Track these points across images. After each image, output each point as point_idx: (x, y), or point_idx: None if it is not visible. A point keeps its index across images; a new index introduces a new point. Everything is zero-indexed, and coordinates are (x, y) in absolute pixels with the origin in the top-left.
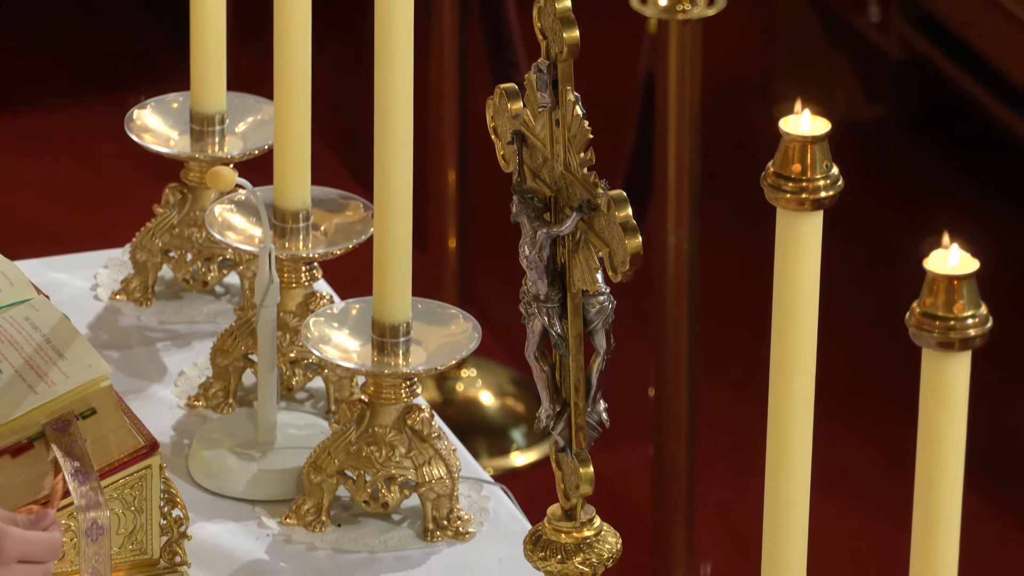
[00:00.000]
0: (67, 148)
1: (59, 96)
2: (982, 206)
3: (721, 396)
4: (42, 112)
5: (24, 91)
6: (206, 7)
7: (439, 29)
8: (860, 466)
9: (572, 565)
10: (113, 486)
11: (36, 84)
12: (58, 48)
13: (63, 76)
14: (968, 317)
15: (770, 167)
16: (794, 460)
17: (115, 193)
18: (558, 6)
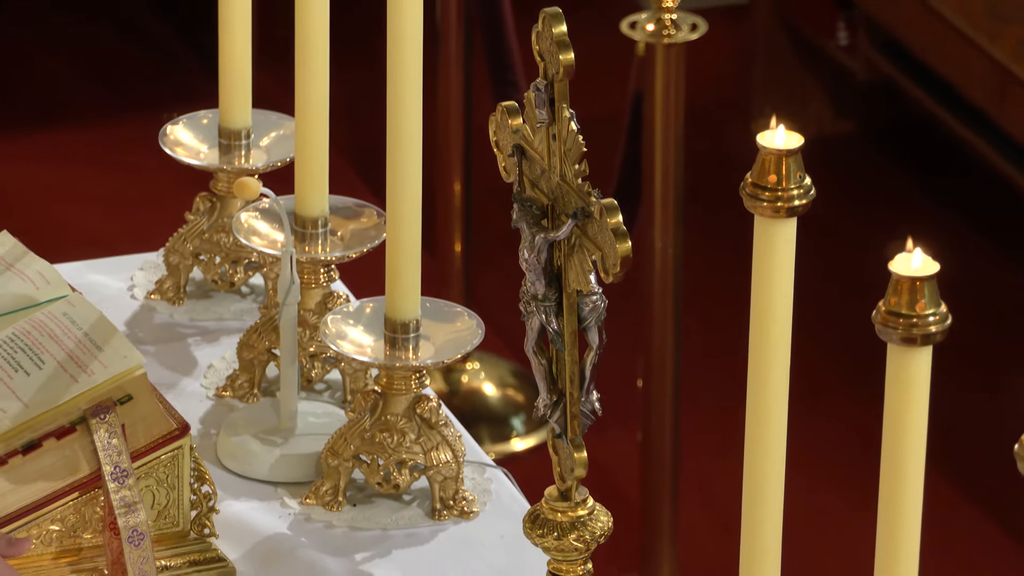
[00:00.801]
0: (106, 161)
1: (99, 113)
2: (942, 213)
3: (703, 386)
4: (83, 128)
5: (67, 108)
6: (233, 32)
7: (446, 52)
8: (831, 449)
9: (567, 541)
10: (148, 465)
11: (78, 102)
12: (98, 69)
13: (103, 95)
14: (929, 315)
15: (748, 178)
16: (770, 444)
17: (150, 201)
18: (554, 31)
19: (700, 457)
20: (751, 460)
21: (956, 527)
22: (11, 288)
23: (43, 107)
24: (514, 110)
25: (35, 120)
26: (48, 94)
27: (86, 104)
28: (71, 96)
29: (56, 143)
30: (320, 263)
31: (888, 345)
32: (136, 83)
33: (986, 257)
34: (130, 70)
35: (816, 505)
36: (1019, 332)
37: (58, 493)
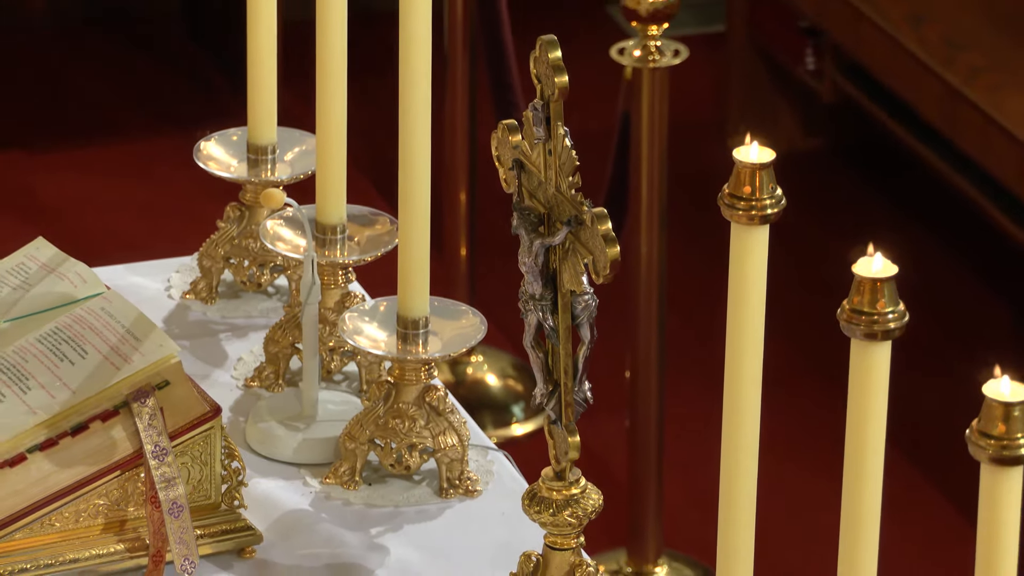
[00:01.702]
0: (146, 174)
1: (137, 129)
2: (900, 221)
3: (685, 377)
4: (123, 143)
5: (107, 125)
6: (260, 57)
7: (452, 75)
8: (800, 433)
9: (562, 517)
10: (183, 444)
11: (118, 120)
12: (136, 90)
13: (141, 113)
14: (889, 312)
15: (725, 189)
16: (744, 428)
17: (185, 210)
18: (550, 56)
19: (682, 441)
20: (728, 443)
21: (913, 503)
22: (54, 288)
23: (86, 123)
24: (514, 128)
25: (79, 135)
26: (91, 112)
27: (125, 121)
28: (111, 113)
29: (98, 156)
30: (338, 266)
31: (852, 340)
32: (171, 102)
33: (940, 260)
34: (165, 91)
35: (787, 483)
36: (969, 328)
37: (104, 471)
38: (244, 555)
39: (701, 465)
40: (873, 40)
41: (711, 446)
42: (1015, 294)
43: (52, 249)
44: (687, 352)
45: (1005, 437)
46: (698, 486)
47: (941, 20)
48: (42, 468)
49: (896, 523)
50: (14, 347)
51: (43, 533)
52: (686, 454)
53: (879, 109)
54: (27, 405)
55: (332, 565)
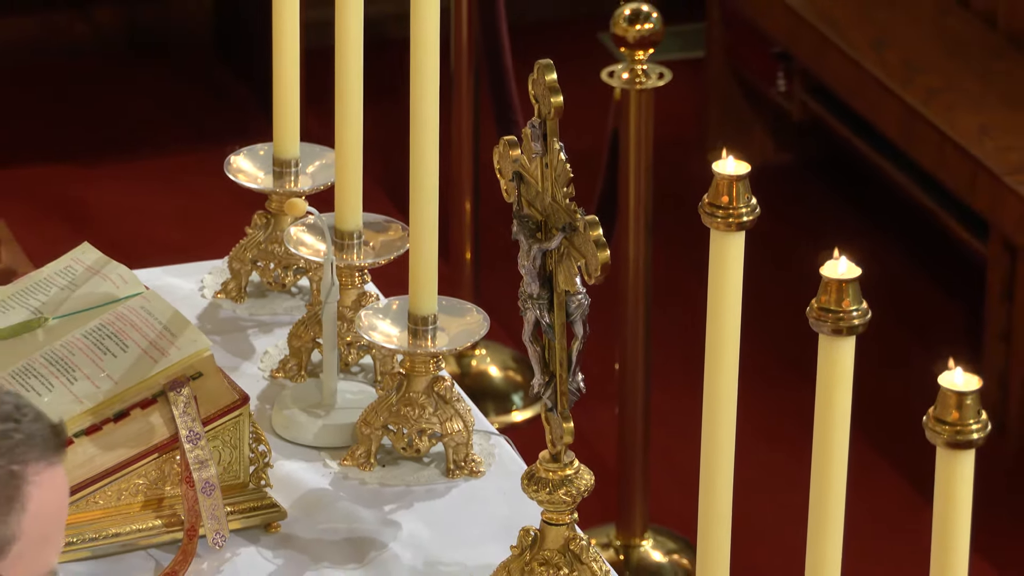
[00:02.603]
0: (182, 185)
1: (175, 146)
2: (863, 227)
3: (669, 369)
4: (163, 158)
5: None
6: (285, 78)
7: (458, 95)
8: (772, 420)
9: (557, 495)
10: (215, 429)
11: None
12: (172, 108)
13: (176, 129)
14: (853, 310)
15: (705, 198)
16: (723, 416)
17: (216, 218)
18: (547, 78)
19: (666, 427)
20: (708, 427)
21: (874, 482)
22: (98, 288)
23: (128, 140)
24: (514, 143)
25: (122, 150)
26: (133, 129)
27: (163, 137)
28: (151, 131)
29: (139, 170)
30: (355, 268)
31: (820, 335)
32: (204, 121)
33: (899, 264)
34: (198, 109)
35: (761, 463)
36: (926, 325)
37: (143, 453)
38: (270, 530)
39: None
40: (838, 64)
41: (693, 431)
42: (967, 294)
43: (96, 253)
44: (671, 346)
45: (958, 423)
46: (681, 467)
47: (900, 46)
48: (87, 451)
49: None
50: (62, 342)
51: (88, 510)
52: (670, 438)
53: (844, 127)
54: (73, 394)
55: (349, 539)
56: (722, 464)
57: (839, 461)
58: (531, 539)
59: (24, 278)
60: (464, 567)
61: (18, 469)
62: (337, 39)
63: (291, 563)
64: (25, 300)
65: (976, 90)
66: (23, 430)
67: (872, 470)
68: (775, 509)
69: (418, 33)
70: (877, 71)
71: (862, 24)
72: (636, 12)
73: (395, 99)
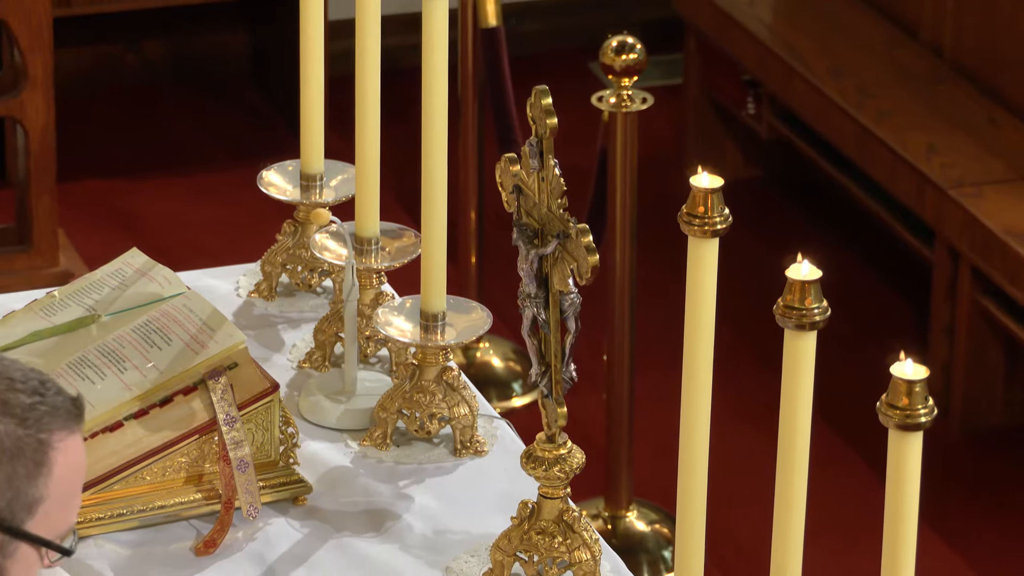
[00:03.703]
0: (220, 197)
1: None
2: (823, 235)
3: (651, 360)
4: (203, 173)
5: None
6: (311, 102)
7: (464, 117)
8: (743, 405)
9: (553, 472)
10: (249, 413)
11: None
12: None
13: (215, 147)
14: (815, 308)
15: (684, 209)
16: (699, 401)
17: (250, 226)
18: (543, 102)
19: (649, 411)
20: (686, 411)
21: (833, 460)
22: (145, 289)
23: (173, 157)
24: (514, 160)
25: (167, 166)
26: (177, 147)
27: (203, 155)
28: (193, 149)
29: (182, 183)
30: (373, 271)
31: (785, 330)
32: (239, 139)
33: (855, 266)
34: (234, 130)
35: (733, 443)
36: (879, 321)
37: (185, 435)
38: (297, 502)
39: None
40: (801, 90)
41: (673, 414)
42: (915, 294)
43: (144, 257)
44: (653, 339)
45: (908, 408)
46: (662, 446)
47: (855, 74)
48: (136, 433)
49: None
50: (113, 336)
51: (136, 485)
52: (652, 421)
53: (806, 145)
54: (124, 383)
55: (368, 511)
56: (698, 443)
57: (802, 440)
58: (529, 511)
59: (80, 279)
60: (470, 535)
61: (45, 437)
62: (357, 68)
63: (316, 532)
64: (81, 299)
65: (923, 113)
66: (48, 403)
67: (832, 449)
68: (745, 483)
69: (429, 63)
70: (835, 96)
71: (822, 55)
72: (622, 44)
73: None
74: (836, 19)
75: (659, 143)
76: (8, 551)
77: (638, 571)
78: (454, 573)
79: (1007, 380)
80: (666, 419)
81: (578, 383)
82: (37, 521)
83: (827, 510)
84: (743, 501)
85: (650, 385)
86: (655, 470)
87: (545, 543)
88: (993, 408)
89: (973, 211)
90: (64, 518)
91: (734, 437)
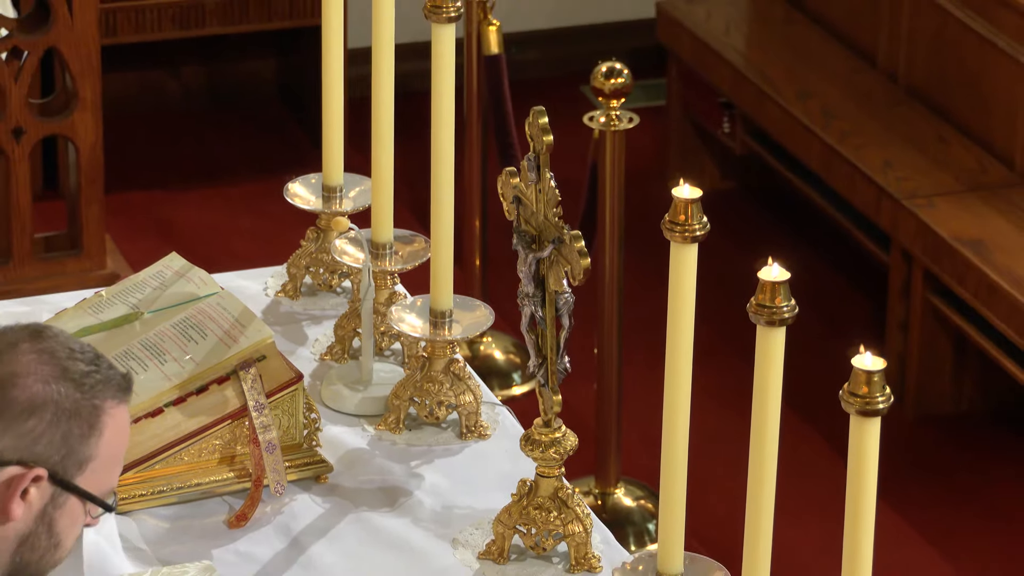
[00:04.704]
0: (250, 206)
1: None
2: (791, 241)
3: (637, 352)
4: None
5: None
6: (332, 124)
7: (469, 135)
8: (719, 393)
9: (549, 454)
10: (276, 400)
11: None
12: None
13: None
14: (784, 306)
15: (666, 217)
16: (680, 390)
17: (277, 233)
18: (540, 121)
19: (635, 399)
20: (668, 398)
21: (801, 443)
22: (183, 289)
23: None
24: (514, 173)
25: (203, 180)
26: (212, 163)
27: (236, 169)
28: (225, 163)
29: (216, 195)
30: (387, 273)
31: (757, 326)
32: (269, 155)
33: (821, 269)
34: (264, 147)
35: (710, 428)
36: (842, 318)
37: (219, 420)
38: (320, 480)
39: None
40: (771, 111)
41: (657, 401)
42: (873, 293)
43: (182, 260)
44: (639, 334)
45: (867, 396)
46: (647, 430)
47: (820, 97)
48: (175, 418)
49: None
50: (154, 331)
51: (175, 465)
52: (638, 408)
53: (776, 160)
54: (164, 373)
55: (383, 488)
56: (679, 427)
57: (773, 424)
58: (528, 488)
59: (125, 280)
60: (474, 510)
61: (99, 403)
62: (373, 91)
63: (336, 507)
64: (125, 298)
65: (880, 132)
66: (102, 373)
67: (799, 432)
68: (722, 463)
69: (437, 86)
70: (802, 117)
71: (790, 80)
72: (611, 69)
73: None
74: (803, 48)
75: (644, 158)
76: (58, 502)
77: (625, 542)
78: (460, 544)
79: (955, 371)
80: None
81: (571, 374)
82: (86, 478)
83: (795, 485)
84: (720, 478)
85: (636, 375)
86: (641, 451)
87: (542, 517)
88: (942, 396)
89: (925, 219)
90: (108, 479)
91: (712, 421)
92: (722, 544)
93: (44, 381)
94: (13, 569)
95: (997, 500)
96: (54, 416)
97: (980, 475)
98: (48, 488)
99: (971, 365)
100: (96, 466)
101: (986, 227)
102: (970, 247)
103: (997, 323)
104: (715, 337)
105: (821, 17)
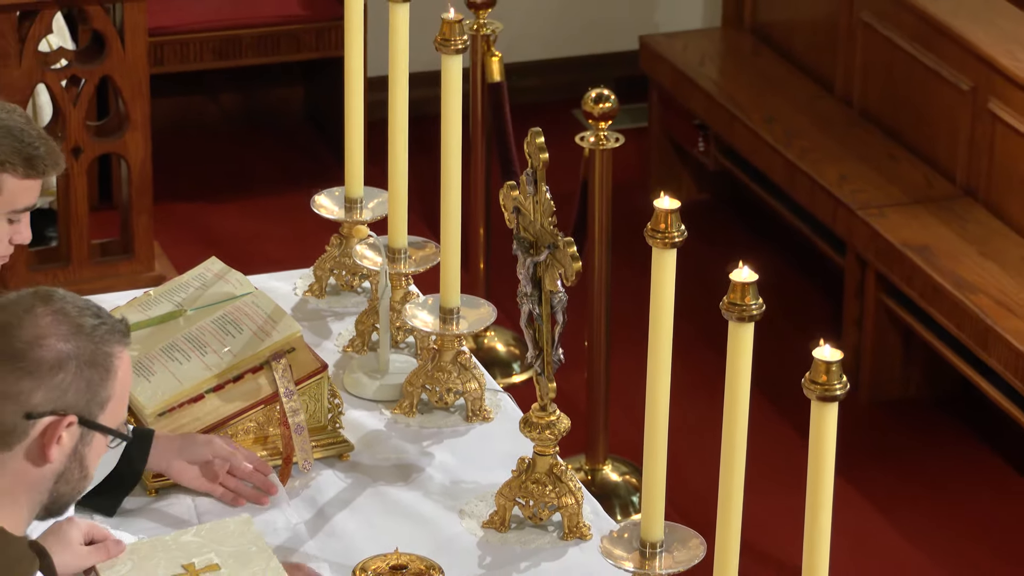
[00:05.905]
0: (280, 216)
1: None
2: (760, 246)
3: (623, 345)
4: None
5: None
6: (353, 143)
7: (474, 153)
8: (696, 381)
9: (545, 435)
10: (304, 387)
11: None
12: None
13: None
14: (752, 304)
15: (649, 225)
16: (660, 378)
17: (305, 239)
18: (537, 140)
19: (621, 386)
20: (651, 385)
21: (767, 426)
22: (222, 289)
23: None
24: (514, 186)
25: (239, 192)
26: (246, 177)
27: (267, 183)
28: (258, 177)
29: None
30: (402, 275)
31: (729, 322)
32: (297, 170)
33: (785, 271)
34: (292, 163)
35: (687, 412)
36: (803, 314)
37: (253, 404)
38: (342, 458)
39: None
40: (741, 131)
41: (640, 388)
42: (831, 293)
43: (221, 264)
44: (624, 328)
45: (826, 384)
46: (631, 413)
47: (783, 120)
48: (214, 403)
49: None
50: (196, 326)
51: None
52: (624, 393)
53: (745, 175)
54: (204, 364)
55: (398, 465)
56: (660, 411)
57: (743, 409)
58: (526, 465)
59: (170, 281)
60: (479, 484)
61: (109, 350)
62: (390, 114)
63: (357, 482)
64: (170, 297)
65: (837, 150)
66: (107, 324)
67: (765, 416)
68: (698, 442)
69: (446, 110)
70: (768, 137)
71: (758, 106)
72: (599, 95)
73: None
74: (769, 77)
75: (629, 173)
76: (87, 440)
77: (612, 513)
78: (467, 514)
79: (904, 361)
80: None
81: (565, 364)
82: (106, 415)
83: (762, 463)
84: (696, 457)
85: (622, 365)
86: (626, 432)
87: (539, 491)
88: (892, 384)
89: (877, 228)
90: (121, 412)
91: (689, 406)
92: (698, 514)
93: (64, 339)
94: (51, 500)
95: (938, 473)
96: (77, 368)
97: (924, 452)
98: (78, 430)
99: (918, 357)
100: (113, 404)
101: (931, 235)
102: (917, 253)
103: (941, 319)
104: (692, 331)
105: (785, 50)
